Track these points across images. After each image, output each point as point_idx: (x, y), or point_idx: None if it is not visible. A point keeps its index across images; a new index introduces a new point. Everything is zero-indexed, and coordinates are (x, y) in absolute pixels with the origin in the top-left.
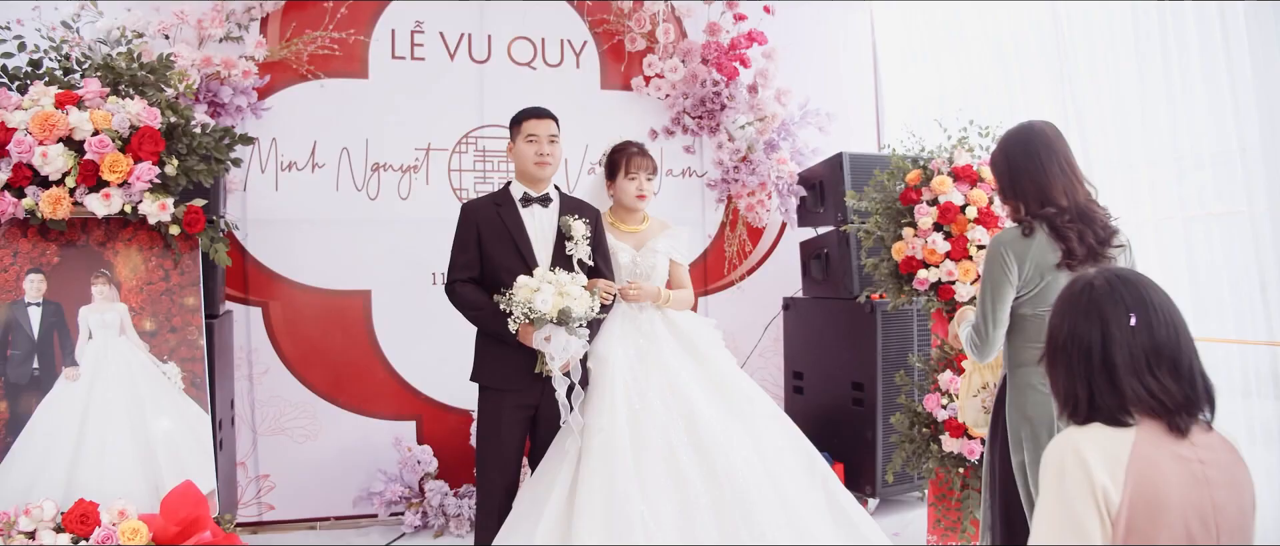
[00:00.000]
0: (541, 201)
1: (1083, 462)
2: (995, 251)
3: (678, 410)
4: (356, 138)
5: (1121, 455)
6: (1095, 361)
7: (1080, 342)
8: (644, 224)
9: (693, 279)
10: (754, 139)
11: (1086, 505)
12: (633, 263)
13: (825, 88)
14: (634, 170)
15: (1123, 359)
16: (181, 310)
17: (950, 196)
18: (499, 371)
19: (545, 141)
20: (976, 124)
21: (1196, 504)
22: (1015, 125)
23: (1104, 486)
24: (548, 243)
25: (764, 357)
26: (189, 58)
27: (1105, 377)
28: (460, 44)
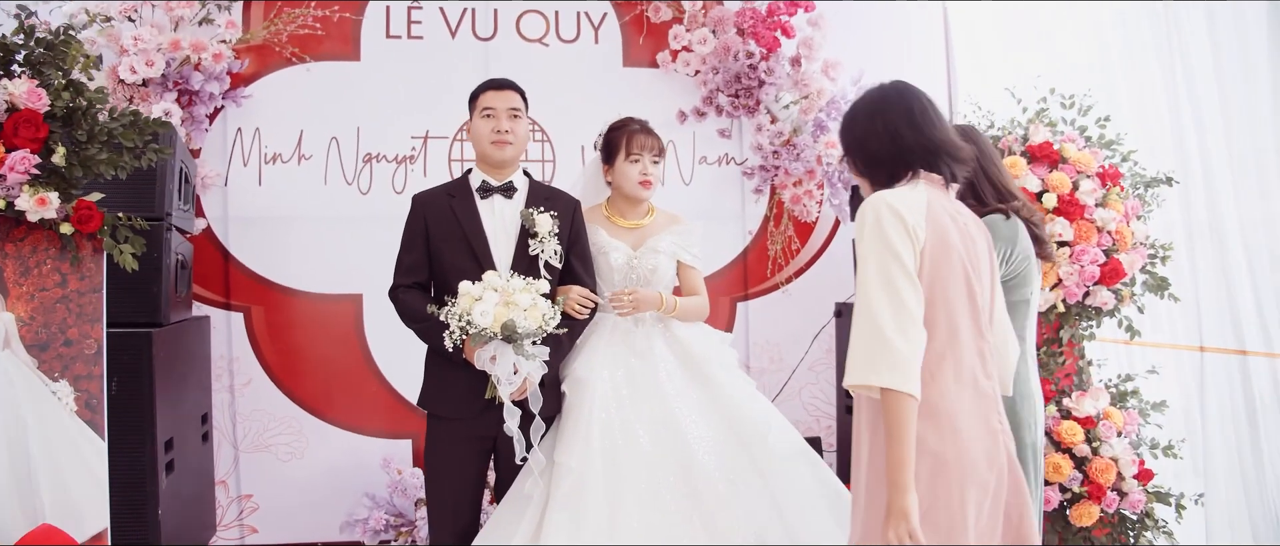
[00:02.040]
0: (504, 191)
1: (895, 211)
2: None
3: (672, 450)
4: (347, 126)
5: (920, 205)
6: (913, 118)
7: (905, 110)
8: (647, 217)
9: (732, 282)
10: (799, 120)
11: (903, 241)
12: (628, 265)
13: (884, 59)
14: (636, 150)
15: (934, 117)
16: (79, 321)
17: (1023, 181)
18: (447, 396)
19: (504, 116)
20: (1059, 93)
21: (965, 249)
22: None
23: (915, 226)
24: (509, 240)
25: (814, 372)
26: (153, 41)
27: (915, 132)
28: (463, 20)
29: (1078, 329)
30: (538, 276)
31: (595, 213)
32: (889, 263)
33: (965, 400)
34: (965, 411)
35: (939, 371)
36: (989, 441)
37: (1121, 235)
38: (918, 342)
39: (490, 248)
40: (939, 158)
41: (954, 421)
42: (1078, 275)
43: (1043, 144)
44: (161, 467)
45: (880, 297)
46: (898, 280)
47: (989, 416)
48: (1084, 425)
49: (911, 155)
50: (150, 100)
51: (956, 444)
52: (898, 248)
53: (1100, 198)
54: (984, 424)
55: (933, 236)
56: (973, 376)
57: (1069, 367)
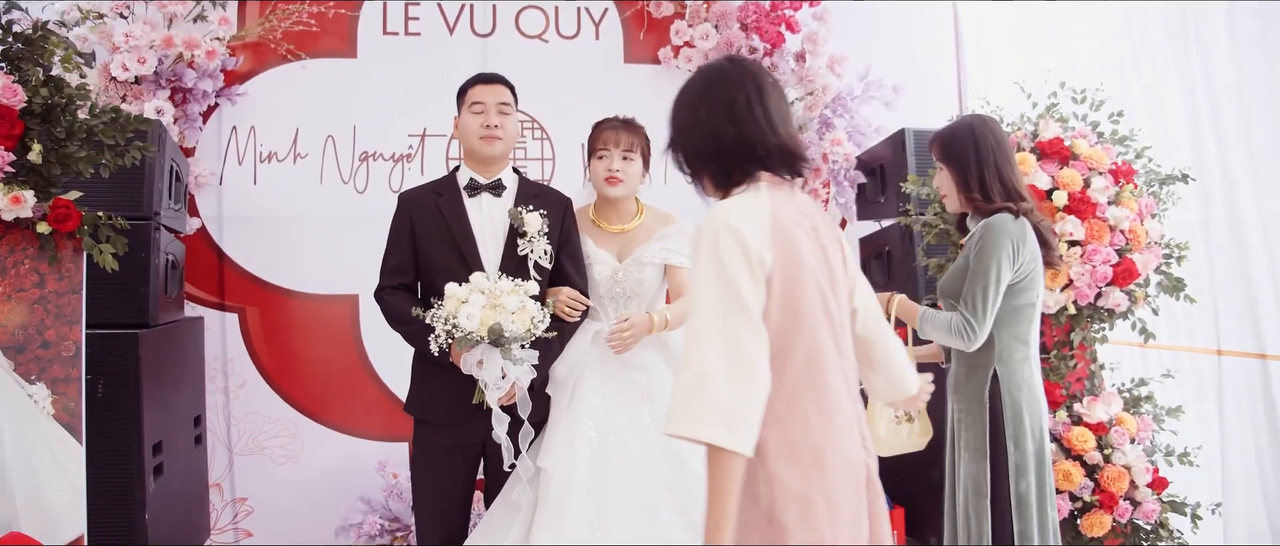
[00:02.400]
0: (492, 189)
1: (736, 233)
2: (1002, 234)
3: (662, 455)
4: (343, 124)
5: (763, 220)
6: (736, 110)
7: (727, 99)
8: (635, 220)
9: None
10: (804, 117)
11: (744, 271)
12: (613, 278)
13: (893, 55)
14: (604, 146)
15: (764, 117)
16: (57, 322)
17: (1033, 179)
18: (434, 401)
19: (494, 110)
20: (1070, 87)
21: (819, 258)
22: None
23: (760, 251)
24: (498, 240)
25: None
26: (145, 38)
27: (755, 131)
28: (461, 16)
29: (1089, 331)
30: (527, 277)
31: (582, 216)
32: (726, 299)
33: (830, 431)
34: (830, 445)
35: (798, 405)
36: (855, 472)
37: (1135, 234)
38: (756, 396)
39: (478, 247)
40: (769, 159)
41: (819, 458)
42: (1089, 276)
43: (1053, 140)
44: (149, 471)
45: (712, 341)
46: (734, 321)
47: (852, 443)
48: (1095, 431)
49: (733, 155)
50: (143, 98)
51: (824, 484)
52: (738, 281)
53: (1113, 195)
54: (849, 454)
55: (782, 258)
56: (837, 402)
57: (1080, 371)
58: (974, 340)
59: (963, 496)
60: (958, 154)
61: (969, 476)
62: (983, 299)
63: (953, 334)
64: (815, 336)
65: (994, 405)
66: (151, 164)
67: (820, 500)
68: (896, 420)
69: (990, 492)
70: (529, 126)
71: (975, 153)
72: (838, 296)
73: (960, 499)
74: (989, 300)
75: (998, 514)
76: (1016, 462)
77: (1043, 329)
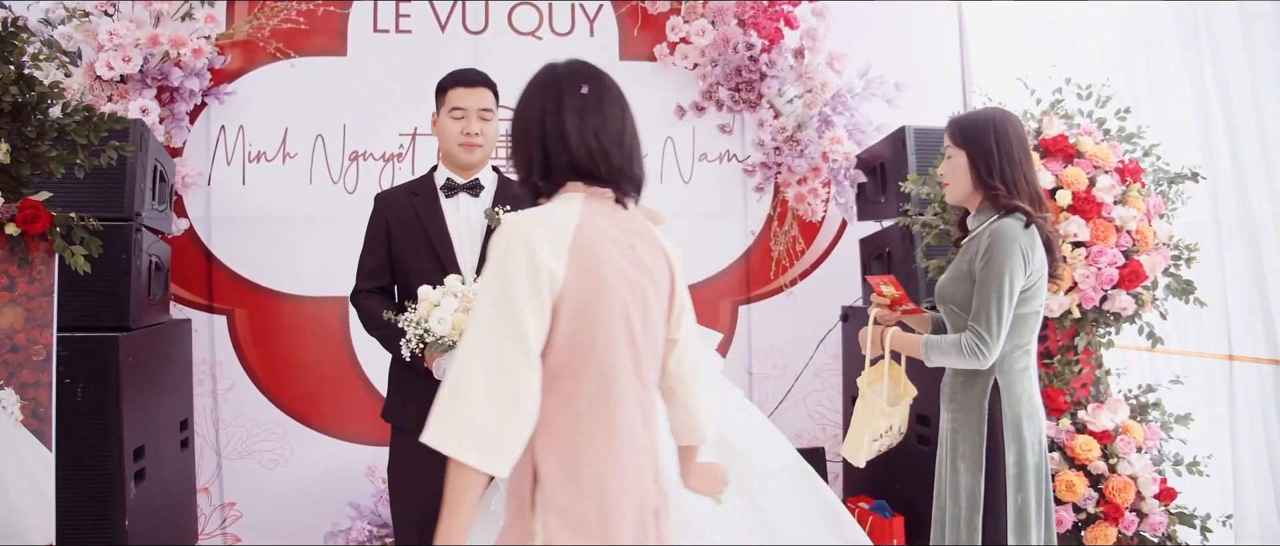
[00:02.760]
0: (470, 190)
1: (528, 243)
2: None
3: None
4: (333, 123)
5: (566, 234)
6: (549, 123)
7: (535, 109)
8: None
9: (733, 284)
10: (803, 115)
11: (528, 285)
12: None
13: (895, 53)
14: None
15: (572, 122)
16: (28, 326)
17: None
18: (411, 408)
19: (474, 117)
20: (1075, 83)
21: (631, 281)
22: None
23: (549, 265)
24: (475, 241)
25: (819, 378)
26: (130, 37)
27: (558, 137)
28: (453, 13)
29: (1095, 336)
30: None
31: None
32: (502, 318)
33: (615, 461)
34: (615, 476)
35: (583, 431)
36: (641, 505)
37: (1142, 235)
38: (515, 422)
39: (454, 249)
40: (573, 171)
41: (601, 488)
42: (1095, 278)
43: (1057, 137)
44: (129, 476)
45: (479, 359)
46: (505, 344)
47: (641, 476)
48: (1100, 440)
49: (535, 165)
50: (129, 97)
51: (603, 515)
52: (518, 300)
53: (1119, 194)
54: (636, 486)
55: (578, 273)
56: (628, 432)
57: (1085, 377)
58: (988, 358)
59: (955, 508)
60: (979, 138)
61: (965, 488)
62: (997, 314)
63: (965, 355)
64: (610, 361)
65: (993, 416)
66: (133, 164)
67: (596, 530)
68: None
69: (985, 505)
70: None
71: (996, 141)
72: (649, 324)
73: (952, 509)
74: (1002, 315)
75: (993, 527)
76: (1016, 475)
77: (1046, 333)
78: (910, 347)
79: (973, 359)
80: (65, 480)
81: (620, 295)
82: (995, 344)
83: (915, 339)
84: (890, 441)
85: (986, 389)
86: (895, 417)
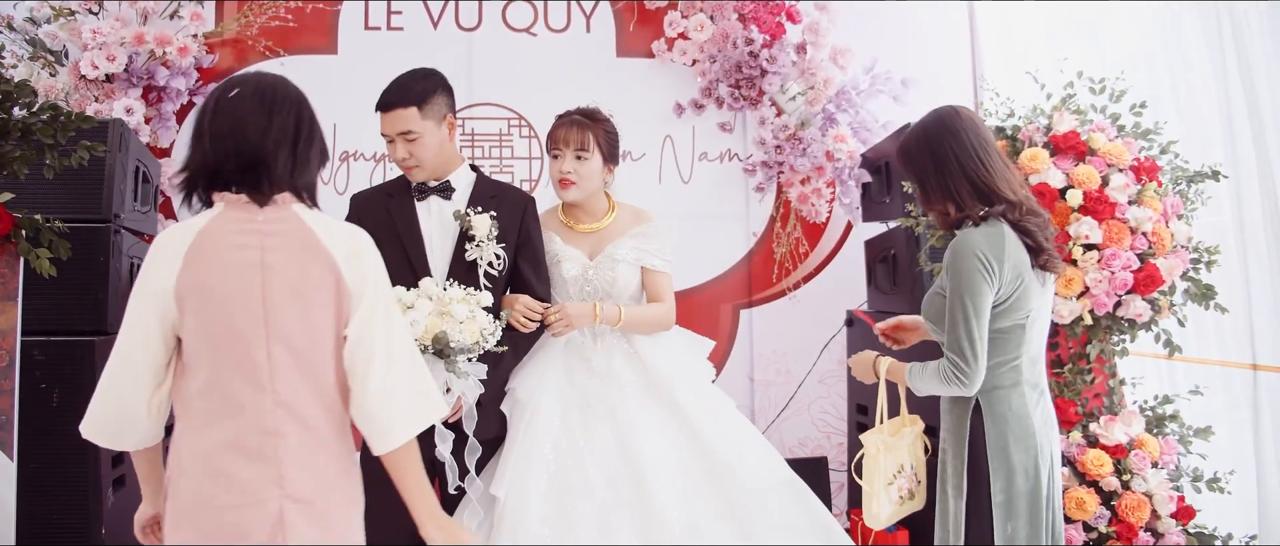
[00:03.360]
0: (442, 192)
1: (159, 247)
2: (968, 257)
3: (625, 487)
4: (323, 122)
5: (181, 248)
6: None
7: None
8: (606, 219)
9: (735, 287)
10: (806, 113)
11: (148, 288)
12: (583, 277)
13: (902, 47)
14: (556, 146)
15: (202, 136)
16: None
17: (1045, 177)
18: None
19: (399, 143)
20: (1088, 76)
21: (249, 287)
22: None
23: (157, 280)
24: (447, 244)
25: (824, 384)
26: (115, 36)
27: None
28: (445, 10)
29: (1108, 344)
30: (478, 283)
31: (550, 217)
32: (130, 309)
33: (206, 459)
34: (203, 468)
35: (187, 422)
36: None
37: (1159, 236)
38: (113, 402)
39: (426, 252)
40: (220, 180)
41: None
42: (1108, 282)
43: (1068, 133)
44: (107, 484)
45: (117, 342)
46: (123, 337)
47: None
48: (1113, 454)
49: (188, 181)
50: (114, 97)
51: (195, 500)
52: (142, 295)
53: (1134, 194)
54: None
55: (188, 278)
56: (238, 439)
57: (1099, 387)
58: (972, 383)
59: (944, 533)
60: (915, 164)
61: (951, 514)
62: (967, 336)
63: (947, 382)
64: (216, 365)
65: (974, 439)
66: (111, 165)
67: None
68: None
69: (967, 533)
70: (516, 124)
71: (932, 158)
72: (272, 328)
73: (940, 535)
74: (973, 336)
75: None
76: (1003, 503)
77: (1057, 341)
78: (900, 377)
79: (956, 386)
80: (39, 486)
81: (234, 302)
82: (975, 366)
83: (902, 368)
84: (909, 485)
85: (968, 410)
86: (903, 453)
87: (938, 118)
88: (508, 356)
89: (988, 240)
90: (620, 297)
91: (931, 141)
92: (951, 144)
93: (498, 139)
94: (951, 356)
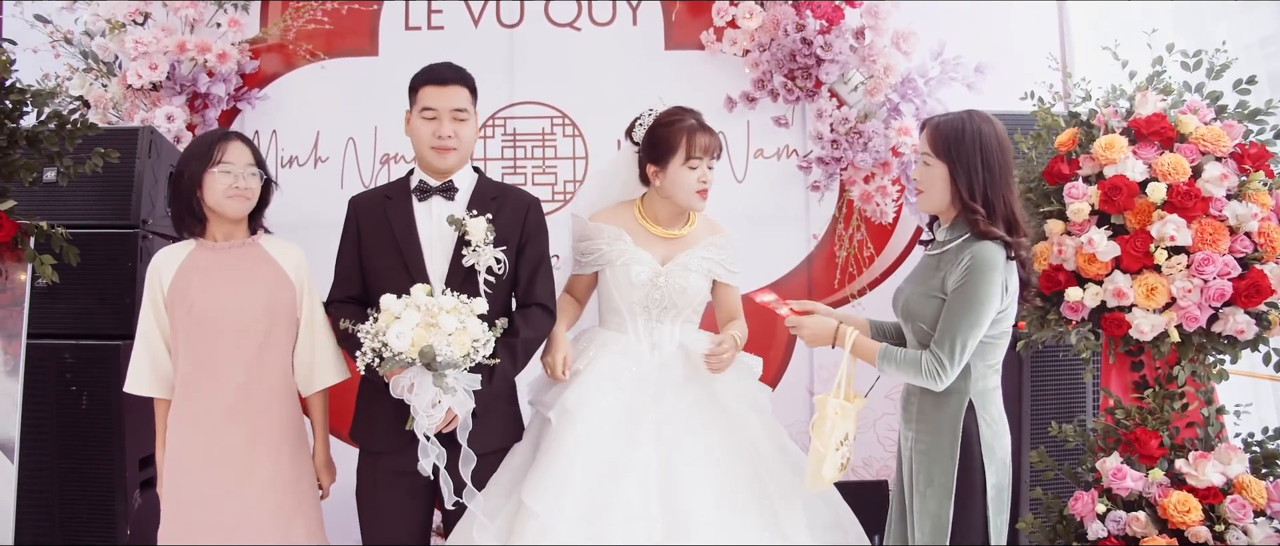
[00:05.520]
0: (444, 192)
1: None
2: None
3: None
4: (364, 125)
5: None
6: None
7: None
8: (687, 227)
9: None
10: (868, 104)
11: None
12: (651, 282)
13: (976, 29)
14: (697, 153)
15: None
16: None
17: (1122, 168)
18: (378, 427)
19: (447, 118)
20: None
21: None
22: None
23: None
24: (446, 248)
25: (892, 400)
26: (158, 45)
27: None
28: (486, 7)
29: (1201, 364)
30: (477, 290)
31: (625, 212)
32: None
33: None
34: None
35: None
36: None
37: (1268, 237)
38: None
39: (424, 256)
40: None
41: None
42: (1200, 292)
43: (1152, 117)
44: (133, 485)
45: None
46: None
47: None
48: (1204, 498)
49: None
50: (160, 105)
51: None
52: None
53: (1234, 187)
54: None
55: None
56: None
57: (1192, 415)
58: (943, 383)
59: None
60: (963, 154)
61: (931, 514)
62: (964, 342)
63: (924, 375)
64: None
65: (969, 437)
66: (140, 171)
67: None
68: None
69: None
70: (559, 122)
71: (983, 159)
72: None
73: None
74: (969, 344)
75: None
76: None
77: (1141, 359)
78: (865, 354)
79: (930, 381)
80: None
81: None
82: (954, 371)
83: (872, 346)
84: (847, 455)
85: (961, 409)
86: (851, 424)
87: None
88: (502, 370)
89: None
90: (684, 311)
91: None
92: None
93: (540, 138)
94: (939, 354)
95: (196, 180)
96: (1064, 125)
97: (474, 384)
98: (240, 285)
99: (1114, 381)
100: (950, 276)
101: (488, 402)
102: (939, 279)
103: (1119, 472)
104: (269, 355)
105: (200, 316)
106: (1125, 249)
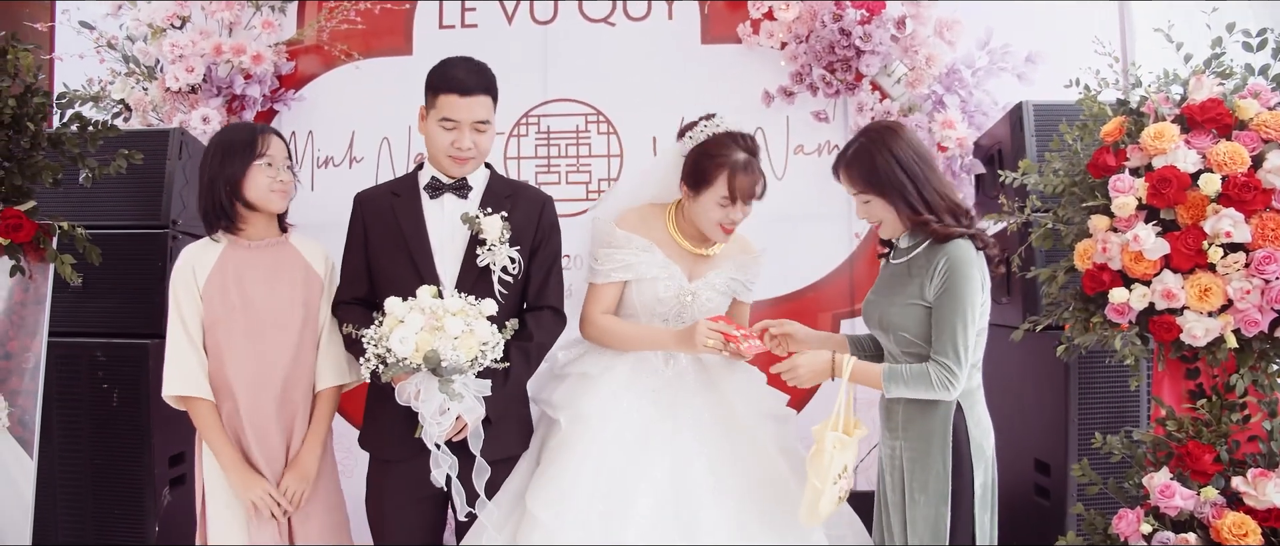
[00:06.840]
0: (457, 190)
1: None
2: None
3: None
4: (398, 125)
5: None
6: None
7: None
8: (717, 245)
9: (835, 295)
10: (910, 96)
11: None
12: (677, 299)
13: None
14: (735, 195)
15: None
16: (21, 334)
17: (1172, 158)
18: (387, 434)
19: (467, 130)
20: (1241, 30)
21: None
22: (866, 129)
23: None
24: (458, 248)
25: None
26: (194, 48)
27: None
28: (520, 5)
29: (1264, 373)
30: (491, 290)
31: (655, 220)
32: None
33: None
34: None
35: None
36: None
37: None
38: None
39: (434, 256)
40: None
41: None
42: (1261, 294)
43: (1207, 102)
44: (162, 482)
45: None
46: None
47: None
48: (1264, 521)
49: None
50: (197, 107)
51: None
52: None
53: None
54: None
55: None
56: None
57: (1253, 429)
58: (956, 389)
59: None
60: (887, 181)
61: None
62: (965, 345)
63: (937, 387)
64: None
65: (959, 440)
66: (171, 172)
67: None
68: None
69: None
70: (594, 120)
71: (904, 173)
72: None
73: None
74: (969, 345)
75: None
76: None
77: (1196, 366)
78: (871, 379)
79: (941, 391)
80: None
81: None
82: (963, 374)
83: (874, 369)
84: (846, 488)
85: (949, 413)
86: (850, 455)
87: (883, 131)
88: (513, 374)
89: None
90: None
91: (894, 154)
92: (911, 155)
93: (575, 136)
94: (946, 362)
95: (240, 175)
96: (1112, 114)
97: (484, 390)
98: (278, 284)
99: (1166, 390)
100: (928, 284)
101: (501, 408)
102: (915, 286)
103: (1167, 489)
104: (304, 353)
105: (243, 315)
106: (1175, 246)
